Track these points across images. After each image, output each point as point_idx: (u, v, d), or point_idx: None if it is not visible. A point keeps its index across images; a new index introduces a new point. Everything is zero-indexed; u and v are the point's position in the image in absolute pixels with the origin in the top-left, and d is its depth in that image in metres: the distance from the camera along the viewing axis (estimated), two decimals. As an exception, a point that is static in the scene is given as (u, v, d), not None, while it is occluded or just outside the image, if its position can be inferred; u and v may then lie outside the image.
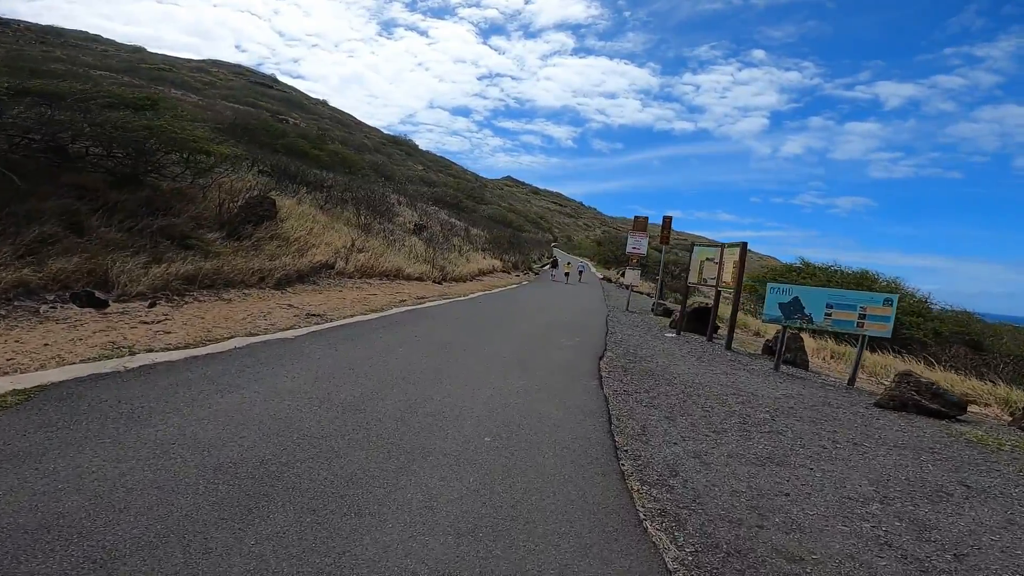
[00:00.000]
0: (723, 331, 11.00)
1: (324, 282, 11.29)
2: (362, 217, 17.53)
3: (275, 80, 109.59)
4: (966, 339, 16.89)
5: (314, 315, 7.85)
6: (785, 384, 6.89)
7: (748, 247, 9.36)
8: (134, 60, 75.60)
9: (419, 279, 14.47)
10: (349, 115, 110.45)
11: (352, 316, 8.17)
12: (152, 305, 6.93)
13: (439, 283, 14.98)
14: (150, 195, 9.67)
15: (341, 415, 3.68)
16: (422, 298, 11.33)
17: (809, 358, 9.24)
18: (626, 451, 3.80)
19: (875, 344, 12.77)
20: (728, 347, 9.08)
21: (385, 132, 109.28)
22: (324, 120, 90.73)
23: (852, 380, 7.31)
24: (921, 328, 16.74)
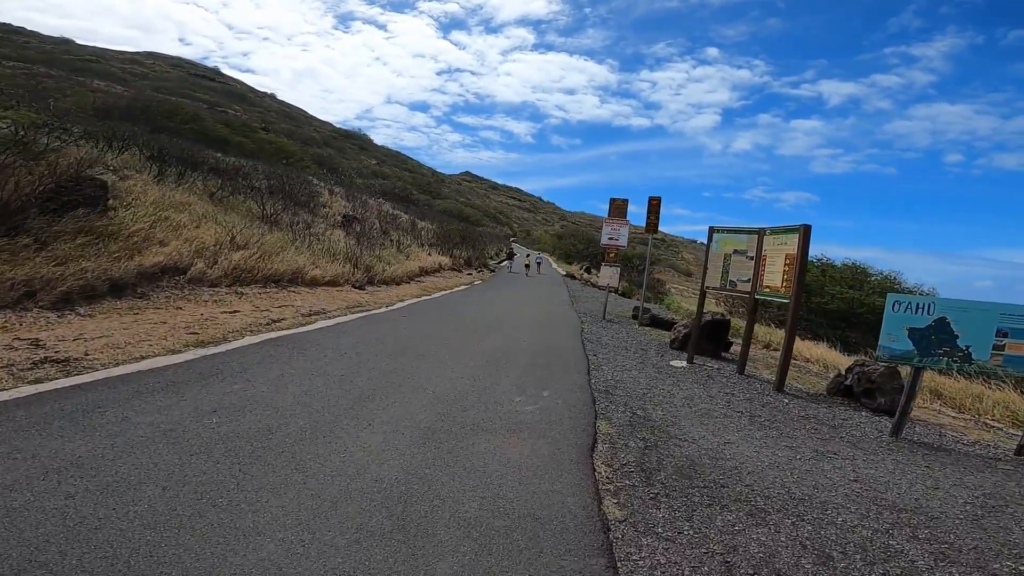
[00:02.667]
0: (757, 356, 7.85)
1: (165, 293, 7.51)
2: (267, 207, 13.67)
3: (218, 72, 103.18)
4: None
5: (57, 361, 4.17)
6: (939, 472, 3.64)
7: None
8: (57, 51, 68.61)
9: (332, 283, 10.77)
10: (299, 109, 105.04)
11: (141, 359, 4.50)
12: None
13: (361, 288, 11.32)
14: None
15: None
16: (315, 314, 7.68)
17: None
18: None
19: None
20: (780, 388, 5.81)
21: (338, 126, 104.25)
22: (271, 113, 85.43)
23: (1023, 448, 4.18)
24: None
